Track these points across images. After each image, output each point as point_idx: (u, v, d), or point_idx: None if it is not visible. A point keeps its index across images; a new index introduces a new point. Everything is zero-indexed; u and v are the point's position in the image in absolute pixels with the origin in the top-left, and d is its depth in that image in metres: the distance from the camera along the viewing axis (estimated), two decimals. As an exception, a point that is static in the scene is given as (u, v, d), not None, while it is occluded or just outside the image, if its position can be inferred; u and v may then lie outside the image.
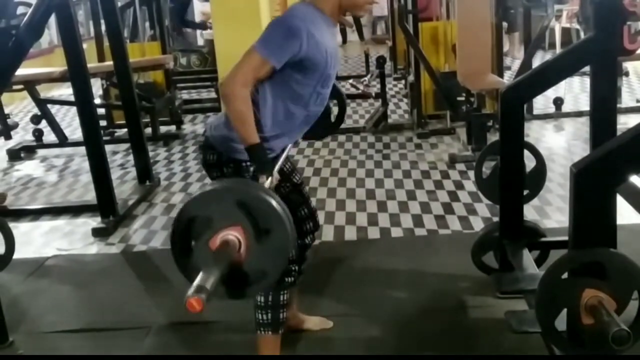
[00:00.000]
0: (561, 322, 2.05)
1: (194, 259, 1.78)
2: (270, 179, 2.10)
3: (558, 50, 9.12)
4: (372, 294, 3.10)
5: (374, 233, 3.83)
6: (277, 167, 2.18)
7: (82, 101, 4.14)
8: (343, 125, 6.25)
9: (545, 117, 6.10)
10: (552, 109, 6.20)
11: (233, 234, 1.76)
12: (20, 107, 8.23)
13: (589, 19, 2.71)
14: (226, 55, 3.65)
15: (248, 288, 1.84)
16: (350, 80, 7.10)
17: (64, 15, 3.96)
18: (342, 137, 5.90)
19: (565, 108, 6.22)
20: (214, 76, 6.02)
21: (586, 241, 2.00)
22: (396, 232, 3.83)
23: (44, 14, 3.93)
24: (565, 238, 2.08)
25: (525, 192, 2.95)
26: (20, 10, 4.24)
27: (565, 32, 9.44)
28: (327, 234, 3.83)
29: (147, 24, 7.27)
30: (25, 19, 3.94)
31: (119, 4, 6.37)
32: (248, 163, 2.24)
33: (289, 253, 1.91)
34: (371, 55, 7.47)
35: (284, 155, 2.29)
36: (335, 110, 2.81)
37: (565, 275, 2.05)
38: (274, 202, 1.82)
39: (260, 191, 1.90)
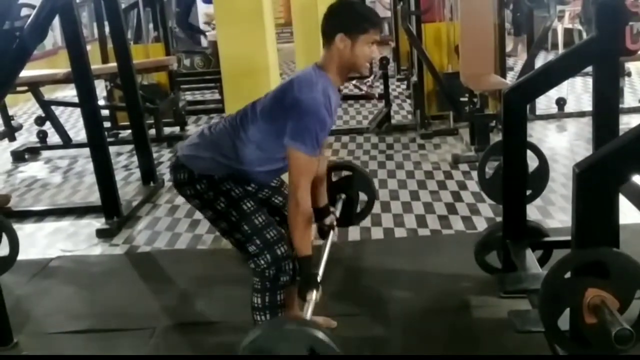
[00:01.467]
0: (564, 322, 2.06)
1: None
2: (317, 292, 2.20)
3: (560, 51, 9.11)
4: (376, 294, 3.11)
5: (377, 233, 3.84)
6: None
7: (86, 102, 4.16)
8: (346, 126, 6.30)
9: (547, 117, 6.10)
10: (554, 109, 6.20)
11: None
12: (24, 108, 8.26)
13: (591, 20, 2.73)
14: (230, 56, 3.66)
15: None
16: (354, 81, 7.12)
17: (67, 17, 3.97)
18: (345, 138, 5.91)
19: (568, 108, 6.22)
20: (217, 77, 6.01)
21: (589, 241, 2.01)
22: (400, 233, 3.84)
23: (47, 15, 3.94)
24: (568, 238, 2.09)
25: (528, 192, 2.96)
26: (24, 12, 4.25)
27: (568, 32, 9.44)
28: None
29: (151, 25, 7.28)
30: (29, 20, 3.95)
31: (123, 6, 6.39)
32: (219, 176, 2.35)
33: None
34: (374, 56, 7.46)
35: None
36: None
37: (568, 275, 2.05)
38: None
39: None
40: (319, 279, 2.27)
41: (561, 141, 5.53)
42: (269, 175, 2.49)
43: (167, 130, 6.47)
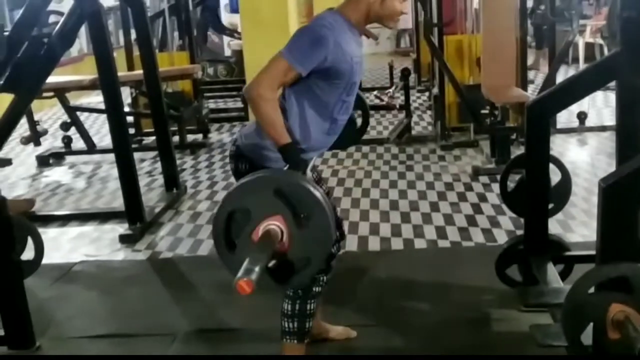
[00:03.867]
0: (587, 337, 2.06)
1: (238, 253, 1.80)
2: (304, 176, 2.10)
3: (581, 65, 9.09)
4: (396, 305, 3.12)
5: (397, 244, 3.85)
6: (307, 171, 2.20)
7: (112, 109, 4.20)
8: (367, 136, 6.31)
9: (569, 131, 6.08)
10: (575, 123, 6.17)
11: (274, 224, 1.78)
12: (50, 114, 8.37)
13: (616, 35, 2.72)
14: (255, 64, 3.70)
15: (293, 276, 1.86)
16: (375, 92, 7.15)
17: (95, 24, 4.02)
18: (365, 148, 5.93)
19: (589, 122, 6.20)
20: (240, 86, 6.09)
21: (613, 256, 2.01)
22: (419, 244, 3.85)
23: (75, 22, 4.02)
24: (590, 252, 2.10)
25: (550, 205, 2.96)
26: (52, 19, 4.33)
27: (589, 47, 9.41)
28: (351, 244, 3.85)
29: (176, 33, 7.37)
30: (57, 27, 4.03)
31: (149, 14, 6.47)
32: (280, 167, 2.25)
33: (331, 237, 1.90)
34: (395, 67, 7.50)
35: (310, 165, 2.31)
36: (359, 120, 2.84)
37: (592, 290, 2.06)
38: (311, 188, 1.84)
39: (297, 178, 1.92)
40: (305, 163, 2.18)
41: (582, 155, 5.51)
42: (325, 135, 2.35)
43: (190, 137, 6.53)
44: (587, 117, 6.17)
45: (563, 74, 6.72)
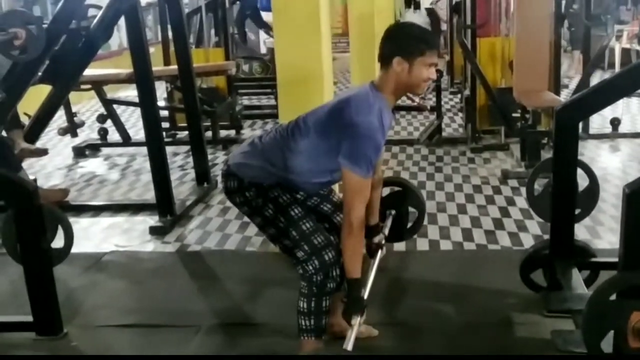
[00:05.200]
0: (608, 344, 2.06)
1: None
2: (360, 318, 2.25)
3: (617, 70, 8.97)
4: (419, 305, 3.14)
5: (423, 245, 3.85)
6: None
7: (146, 103, 4.28)
8: (397, 137, 6.32)
9: (601, 136, 6.02)
10: (608, 129, 6.11)
11: None
12: (87, 106, 8.52)
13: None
14: (286, 63, 3.73)
15: None
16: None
17: (132, 18, 4.10)
18: (395, 149, 5.93)
19: (622, 129, 6.14)
20: (273, 83, 6.13)
21: (636, 263, 2.01)
22: (445, 245, 3.85)
23: (113, 17, 4.11)
24: (617, 259, 2.09)
25: (577, 211, 2.95)
26: (91, 12, 4.41)
27: (625, 52, 9.30)
28: (377, 243, 3.86)
29: (213, 30, 7.45)
30: (95, 21, 4.12)
31: (186, 11, 6.56)
32: (268, 183, 2.41)
33: None
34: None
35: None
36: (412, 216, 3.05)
37: (613, 297, 2.05)
38: None
39: None
40: (364, 303, 2.31)
41: (614, 161, 5.45)
42: (317, 187, 2.53)
43: (223, 133, 6.61)
44: (621, 123, 6.11)
45: (598, 80, 6.61)
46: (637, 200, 1.94)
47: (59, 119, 6.25)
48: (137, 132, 6.77)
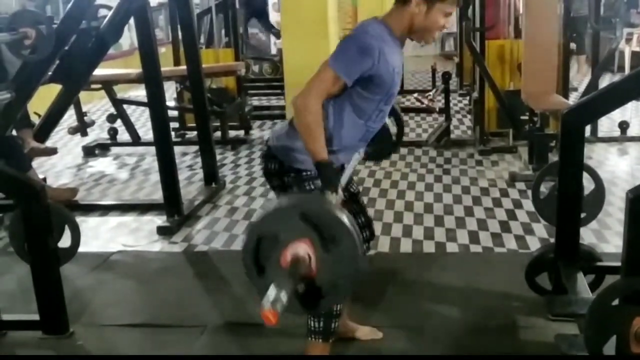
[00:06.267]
0: (610, 349, 2.06)
1: (268, 277, 1.81)
2: (336, 195, 2.13)
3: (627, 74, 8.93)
4: (424, 308, 3.13)
5: (429, 247, 3.86)
6: (342, 183, 2.22)
7: (154, 103, 4.30)
8: (405, 139, 6.30)
9: (609, 140, 5.99)
10: (617, 132, 6.09)
11: (302, 249, 1.80)
12: (98, 105, 8.58)
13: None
14: (294, 64, 3.76)
15: (321, 301, 1.88)
16: (415, 94, 7.14)
17: (141, 19, 4.12)
18: (404, 150, 5.93)
19: (631, 132, 6.11)
20: (283, 84, 6.14)
21: (639, 268, 2.00)
22: (451, 248, 3.85)
23: (123, 17, 4.14)
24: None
25: (583, 214, 2.94)
26: (101, 12, 4.45)
27: (635, 55, 9.25)
28: (383, 245, 3.87)
29: (223, 31, 7.48)
30: (105, 21, 4.15)
31: (197, 11, 6.59)
32: (309, 172, 2.30)
33: (358, 263, 1.91)
34: (438, 70, 7.48)
35: (346, 173, 2.34)
36: (394, 129, 2.85)
37: (616, 302, 2.05)
38: (338, 213, 1.85)
39: (324, 203, 1.95)
40: (339, 178, 2.21)
41: (622, 165, 5.42)
42: (359, 145, 2.41)
43: (232, 133, 6.63)
44: (629, 126, 6.08)
45: (608, 83, 6.58)
46: (640, 205, 1.94)
47: (70, 118, 6.31)
48: (147, 132, 6.79)
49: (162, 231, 4.19)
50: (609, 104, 2.81)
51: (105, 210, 4.68)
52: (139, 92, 8.19)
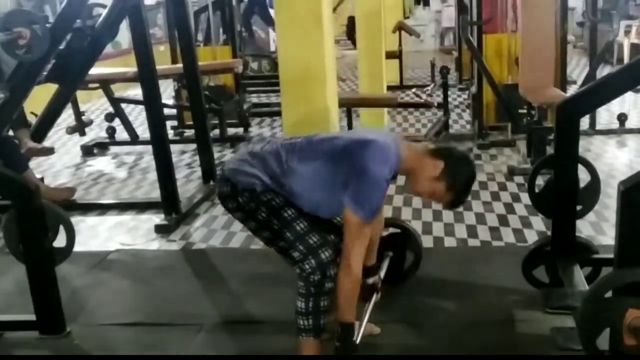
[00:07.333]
0: (604, 342, 2.05)
1: None
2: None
3: (624, 66, 8.89)
4: (422, 303, 3.13)
5: (427, 241, 3.83)
6: None
7: (150, 101, 4.30)
8: (404, 133, 6.28)
9: (608, 132, 5.98)
10: (615, 124, 6.08)
11: None
12: (97, 104, 8.58)
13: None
14: (289, 60, 3.73)
15: None
16: (414, 90, 7.14)
17: (136, 18, 4.11)
18: (402, 145, 5.90)
19: (629, 124, 6.09)
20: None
21: (632, 260, 2.00)
22: (449, 242, 3.84)
23: (117, 16, 4.13)
24: (618, 256, 2.07)
25: (579, 207, 2.93)
26: (96, 11, 4.44)
27: (634, 47, 9.22)
28: (381, 240, 3.87)
29: (221, 29, 7.47)
30: (100, 20, 4.14)
31: (194, 9, 6.57)
32: (261, 189, 2.40)
33: None
34: (437, 65, 7.46)
35: None
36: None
37: (609, 294, 2.04)
38: None
39: None
40: (357, 349, 2.36)
41: (620, 157, 5.40)
42: (305, 210, 2.49)
43: (231, 130, 6.63)
44: (628, 118, 6.07)
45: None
46: (632, 197, 1.92)
47: (69, 117, 6.31)
48: (145, 130, 6.78)
49: (160, 229, 4.19)
50: (604, 95, 2.79)
51: (103, 209, 4.68)
52: (138, 91, 8.20)
